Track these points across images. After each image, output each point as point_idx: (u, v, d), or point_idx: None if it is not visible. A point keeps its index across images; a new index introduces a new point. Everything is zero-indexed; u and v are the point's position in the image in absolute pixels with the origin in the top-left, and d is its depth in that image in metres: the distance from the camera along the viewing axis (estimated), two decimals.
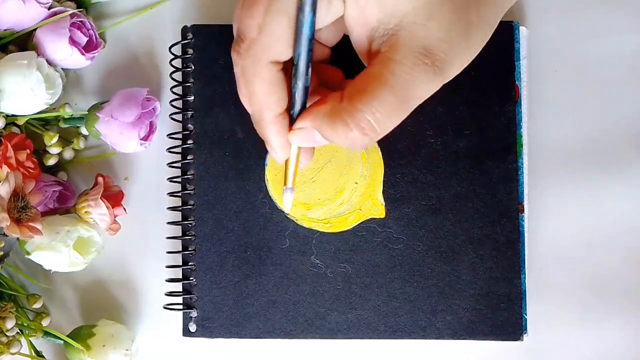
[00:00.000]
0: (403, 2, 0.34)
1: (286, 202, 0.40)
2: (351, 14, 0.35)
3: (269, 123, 0.37)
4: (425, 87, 0.35)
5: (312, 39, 0.35)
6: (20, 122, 0.50)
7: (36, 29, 0.49)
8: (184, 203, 0.50)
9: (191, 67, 0.50)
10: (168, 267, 0.50)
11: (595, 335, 0.50)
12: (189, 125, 0.50)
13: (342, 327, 0.49)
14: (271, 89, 0.36)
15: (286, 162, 0.39)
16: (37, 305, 0.50)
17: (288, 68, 0.37)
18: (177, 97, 0.50)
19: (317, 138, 0.37)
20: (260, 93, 0.36)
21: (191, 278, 0.50)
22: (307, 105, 0.38)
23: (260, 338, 0.49)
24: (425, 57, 0.34)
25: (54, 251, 0.47)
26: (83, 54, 0.49)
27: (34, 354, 0.50)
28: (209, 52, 0.50)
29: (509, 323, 0.48)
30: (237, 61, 0.36)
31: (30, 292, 0.52)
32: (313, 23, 0.35)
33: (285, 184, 0.40)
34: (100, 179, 0.48)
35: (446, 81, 0.36)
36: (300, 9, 0.34)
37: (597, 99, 0.51)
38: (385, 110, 0.34)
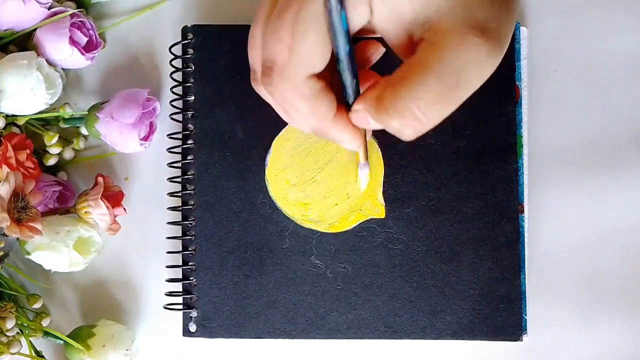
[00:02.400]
0: None
1: (362, 178, 0.39)
2: (381, 15, 0.33)
3: (330, 128, 0.36)
4: (478, 69, 0.32)
5: (348, 31, 0.33)
6: (20, 122, 0.50)
7: (36, 29, 0.49)
8: (184, 203, 0.50)
9: (191, 67, 0.50)
10: (168, 267, 0.50)
11: (594, 336, 0.50)
12: (189, 125, 0.50)
13: (342, 327, 0.49)
14: (317, 101, 0.34)
15: None
16: (37, 305, 0.50)
17: (326, 71, 0.35)
18: (177, 97, 0.50)
19: (372, 122, 0.35)
20: (307, 109, 0.35)
21: (191, 278, 0.50)
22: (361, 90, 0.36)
23: (260, 338, 0.49)
24: (476, 35, 0.31)
25: (54, 251, 0.47)
26: (83, 54, 0.49)
27: (34, 354, 0.50)
28: (209, 52, 0.50)
29: (508, 323, 0.48)
30: (272, 91, 0.35)
31: (30, 292, 0.52)
32: (345, 17, 0.32)
33: (359, 160, 0.40)
34: (100, 179, 0.48)
35: (501, 56, 0.33)
36: (329, 10, 0.32)
37: (598, 100, 0.51)
38: (430, 98, 0.32)
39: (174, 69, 0.50)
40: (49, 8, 0.48)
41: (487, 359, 0.51)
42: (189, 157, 0.50)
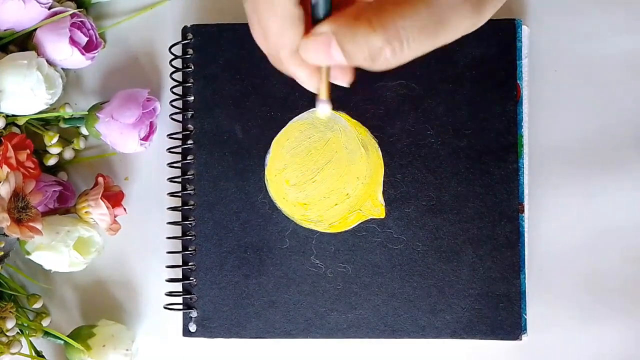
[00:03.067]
0: None
1: (320, 110, 0.35)
2: None
3: (288, 58, 0.34)
4: (461, 22, 0.32)
5: None
6: (21, 122, 0.50)
7: (36, 29, 0.49)
8: (184, 203, 0.50)
9: (191, 68, 0.50)
10: (168, 267, 0.50)
11: (594, 335, 0.50)
12: (189, 125, 0.50)
13: (342, 327, 0.49)
14: (284, 24, 0.32)
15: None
16: (37, 305, 0.51)
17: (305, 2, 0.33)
18: (177, 97, 0.50)
19: (334, 52, 0.32)
20: (274, 30, 0.32)
21: (191, 278, 0.50)
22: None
23: (260, 338, 0.49)
24: None
25: (54, 251, 0.47)
26: (83, 54, 0.49)
27: (34, 354, 0.50)
28: (209, 53, 0.50)
29: (508, 323, 0.48)
30: None
31: (30, 292, 0.52)
32: None
33: (319, 97, 0.35)
34: (100, 179, 0.48)
35: (479, 24, 0.33)
36: None
37: (598, 99, 0.51)
38: (419, 25, 0.30)
39: (173, 69, 0.50)
40: (49, 8, 0.48)
41: (486, 358, 0.51)
42: (189, 157, 0.50)
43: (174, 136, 0.51)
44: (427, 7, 0.30)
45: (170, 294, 0.50)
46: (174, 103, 0.51)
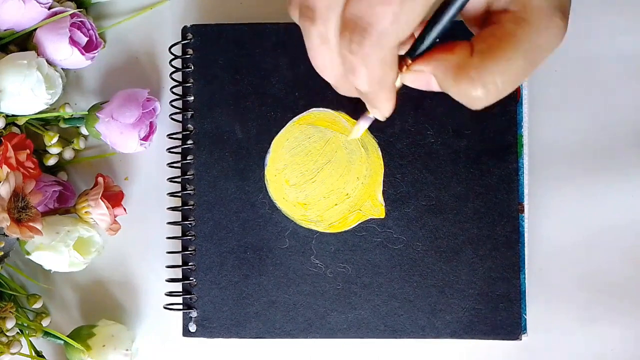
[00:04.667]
0: None
1: (361, 127, 0.39)
2: None
3: (385, 95, 0.35)
4: (553, 48, 0.34)
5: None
6: (21, 122, 0.50)
7: (36, 29, 0.49)
8: (184, 203, 0.50)
9: (191, 68, 0.50)
10: (168, 267, 0.50)
11: (594, 335, 0.50)
12: (189, 125, 0.50)
13: (342, 327, 0.49)
14: (392, 68, 0.34)
15: None
16: (37, 305, 0.51)
17: None
18: (177, 97, 0.50)
19: (432, 83, 0.35)
20: (380, 75, 0.34)
21: (191, 278, 0.50)
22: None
23: (260, 338, 0.49)
24: (560, 17, 0.33)
25: (54, 251, 0.47)
26: (83, 54, 0.49)
27: (34, 354, 0.50)
28: (208, 53, 0.50)
29: (508, 323, 0.48)
30: (357, 51, 0.33)
31: (30, 292, 0.52)
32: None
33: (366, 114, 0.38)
34: (100, 179, 0.48)
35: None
36: None
37: (598, 99, 0.51)
38: (515, 73, 0.33)
39: (173, 69, 0.50)
40: (49, 8, 0.48)
41: (486, 358, 0.51)
42: (188, 157, 0.50)
43: (173, 136, 0.51)
44: (523, 55, 0.33)
45: (170, 294, 0.50)
46: (173, 103, 0.51)
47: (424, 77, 0.35)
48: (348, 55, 0.33)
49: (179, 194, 0.50)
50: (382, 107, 0.36)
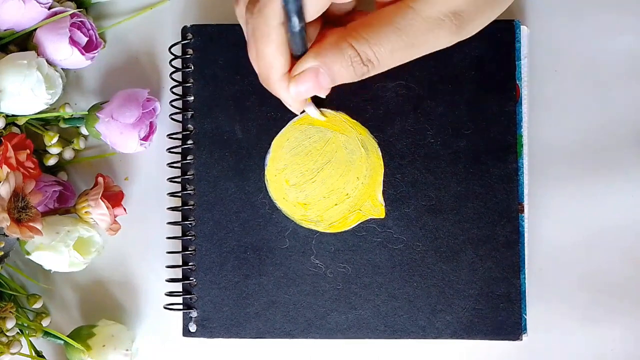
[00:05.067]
0: None
1: (311, 114, 0.42)
2: None
3: (277, 81, 0.38)
4: (438, 41, 0.36)
5: None
6: (21, 122, 0.50)
7: (36, 29, 0.49)
8: (184, 203, 0.50)
9: (191, 68, 0.50)
10: (168, 267, 0.50)
11: (595, 336, 0.50)
12: (189, 125, 0.50)
13: (342, 327, 0.49)
14: (279, 50, 0.36)
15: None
16: (37, 306, 0.51)
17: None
18: (177, 97, 0.50)
19: (322, 79, 0.37)
20: (268, 54, 0.37)
21: (191, 278, 0.50)
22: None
23: (260, 338, 0.49)
24: (453, 18, 0.35)
25: (54, 251, 0.47)
26: (83, 54, 0.49)
27: (34, 354, 0.50)
28: (208, 53, 0.50)
29: (508, 323, 0.48)
30: (249, 20, 0.37)
31: (30, 292, 0.52)
32: None
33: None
34: (100, 179, 0.48)
35: (459, 40, 0.37)
36: None
37: (598, 99, 0.51)
38: (389, 46, 0.36)
39: (173, 69, 0.50)
40: (49, 8, 0.48)
41: (486, 358, 0.51)
42: (188, 157, 0.50)
43: (173, 136, 0.51)
44: (398, 34, 0.35)
45: (170, 294, 0.50)
46: (173, 103, 0.51)
47: (313, 77, 0.37)
48: (245, 28, 0.37)
49: (179, 194, 0.50)
50: (281, 95, 0.39)
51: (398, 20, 0.35)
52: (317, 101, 0.43)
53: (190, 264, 0.50)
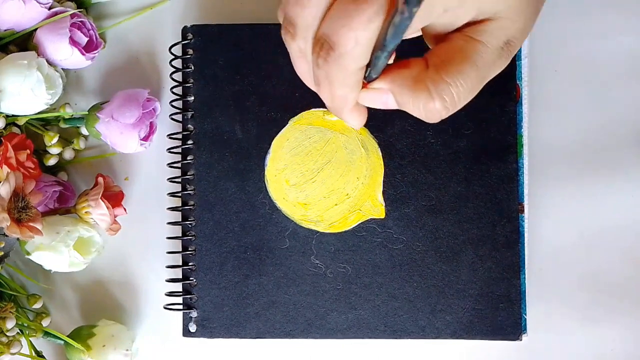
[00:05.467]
0: (500, 3, 0.35)
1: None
2: (445, 20, 0.36)
3: (348, 112, 0.38)
4: (498, 69, 0.37)
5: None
6: (21, 122, 0.50)
7: (36, 29, 0.49)
8: (184, 203, 0.50)
9: (191, 68, 0.50)
10: (168, 267, 0.50)
11: (595, 336, 0.50)
12: (189, 125, 0.50)
13: (342, 327, 0.49)
14: (353, 90, 0.36)
15: None
16: (37, 306, 0.51)
17: None
18: (177, 97, 0.50)
19: (390, 101, 0.37)
20: (342, 94, 0.36)
21: (191, 278, 0.50)
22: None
23: (260, 338, 0.49)
24: (506, 46, 0.36)
25: (54, 251, 0.47)
26: (83, 54, 0.49)
27: (34, 354, 0.50)
28: (209, 53, 0.50)
29: (508, 323, 0.48)
30: (322, 66, 0.35)
31: (30, 292, 0.52)
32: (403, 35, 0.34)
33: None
34: (100, 179, 0.48)
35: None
36: (394, 23, 0.32)
37: (598, 99, 0.51)
38: (468, 85, 0.36)
39: (173, 69, 0.50)
40: (49, 8, 0.48)
41: (486, 358, 0.51)
42: (188, 158, 0.50)
43: (174, 136, 0.51)
44: (475, 69, 0.36)
45: (170, 294, 0.50)
46: (174, 103, 0.51)
47: (382, 96, 0.37)
48: (316, 70, 0.36)
49: (179, 194, 0.50)
50: (349, 121, 0.39)
51: (474, 56, 0.35)
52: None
53: (190, 264, 0.50)
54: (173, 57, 0.51)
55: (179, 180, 0.50)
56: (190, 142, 0.50)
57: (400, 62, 0.37)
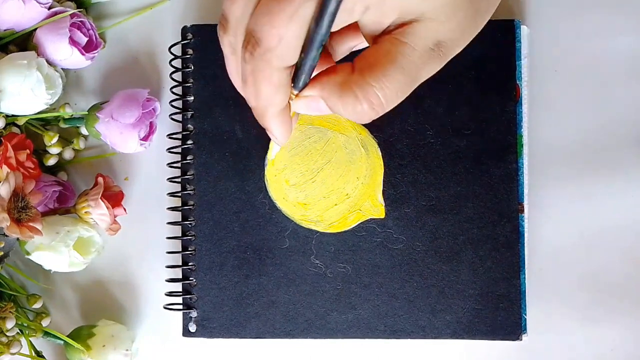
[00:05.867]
0: (425, 4, 0.35)
1: (274, 149, 0.43)
2: (370, 18, 0.36)
3: (273, 117, 0.38)
4: (430, 71, 0.37)
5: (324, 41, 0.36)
6: (21, 122, 0.50)
7: (36, 29, 0.49)
8: (184, 203, 0.50)
9: (191, 68, 0.50)
10: (168, 267, 0.50)
11: (594, 336, 0.50)
12: (189, 125, 0.50)
13: (342, 327, 0.49)
14: (278, 90, 0.36)
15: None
16: (37, 306, 0.51)
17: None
18: (177, 97, 0.50)
19: (322, 107, 0.37)
20: (267, 93, 0.36)
21: (191, 278, 0.50)
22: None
23: (260, 338, 0.49)
24: (437, 47, 0.36)
25: (54, 251, 0.47)
26: (83, 54, 0.49)
27: (34, 354, 0.50)
28: (208, 52, 0.50)
29: (508, 323, 0.48)
30: (249, 61, 0.36)
31: (30, 292, 0.52)
32: (328, 33, 0.34)
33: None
34: (100, 179, 0.48)
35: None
36: (317, 21, 0.33)
37: (598, 99, 0.51)
38: (395, 87, 0.36)
39: (173, 69, 0.50)
40: (49, 8, 0.48)
41: (486, 358, 0.51)
42: (188, 157, 0.50)
43: (173, 136, 0.51)
44: (400, 71, 0.36)
45: (170, 294, 0.50)
46: (173, 103, 0.51)
47: (314, 102, 0.37)
48: (243, 65, 0.36)
49: (179, 194, 0.50)
50: (272, 130, 0.39)
51: (399, 58, 0.35)
52: None
53: (190, 264, 0.50)
54: (173, 57, 0.51)
55: (179, 180, 0.50)
56: (190, 142, 0.50)
57: (329, 68, 0.37)
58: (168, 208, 0.51)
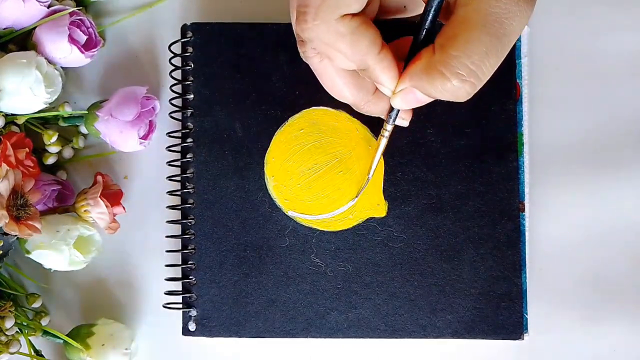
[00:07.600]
0: None
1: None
2: None
3: (376, 64, 0.36)
4: (520, 19, 0.34)
5: None
6: (20, 121, 0.50)
7: (36, 27, 0.49)
8: (184, 202, 0.50)
9: (191, 66, 0.50)
10: (167, 266, 0.50)
11: (596, 335, 0.50)
12: (189, 123, 0.50)
13: (342, 327, 0.49)
14: (357, 37, 0.34)
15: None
16: (36, 305, 0.50)
17: (363, 13, 0.35)
18: (176, 95, 0.50)
19: (419, 96, 0.36)
20: (348, 46, 0.34)
21: (191, 277, 0.50)
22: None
23: (260, 337, 0.49)
24: None
25: (55, 250, 0.47)
26: (82, 53, 0.49)
27: (33, 353, 0.50)
28: (208, 51, 0.50)
29: (509, 322, 0.48)
30: (309, 35, 0.34)
31: (29, 291, 0.52)
32: None
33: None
34: (99, 178, 0.48)
35: (534, 6, 0.35)
36: None
37: (599, 97, 0.51)
38: (481, 52, 0.33)
39: (173, 67, 0.50)
40: (49, 6, 0.48)
41: (488, 358, 0.50)
42: (188, 156, 0.50)
43: (173, 134, 0.50)
44: (483, 30, 0.32)
45: (169, 292, 0.50)
46: (173, 101, 0.51)
47: (410, 95, 0.36)
48: (302, 44, 0.35)
49: (179, 193, 0.50)
50: (384, 81, 0.36)
51: (475, 17, 0.32)
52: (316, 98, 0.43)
53: (189, 262, 0.50)
54: (172, 55, 0.51)
55: (179, 178, 0.50)
56: (189, 140, 0.50)
57: (414, 58, 0.35)
58: (167, 206, 0.50)
